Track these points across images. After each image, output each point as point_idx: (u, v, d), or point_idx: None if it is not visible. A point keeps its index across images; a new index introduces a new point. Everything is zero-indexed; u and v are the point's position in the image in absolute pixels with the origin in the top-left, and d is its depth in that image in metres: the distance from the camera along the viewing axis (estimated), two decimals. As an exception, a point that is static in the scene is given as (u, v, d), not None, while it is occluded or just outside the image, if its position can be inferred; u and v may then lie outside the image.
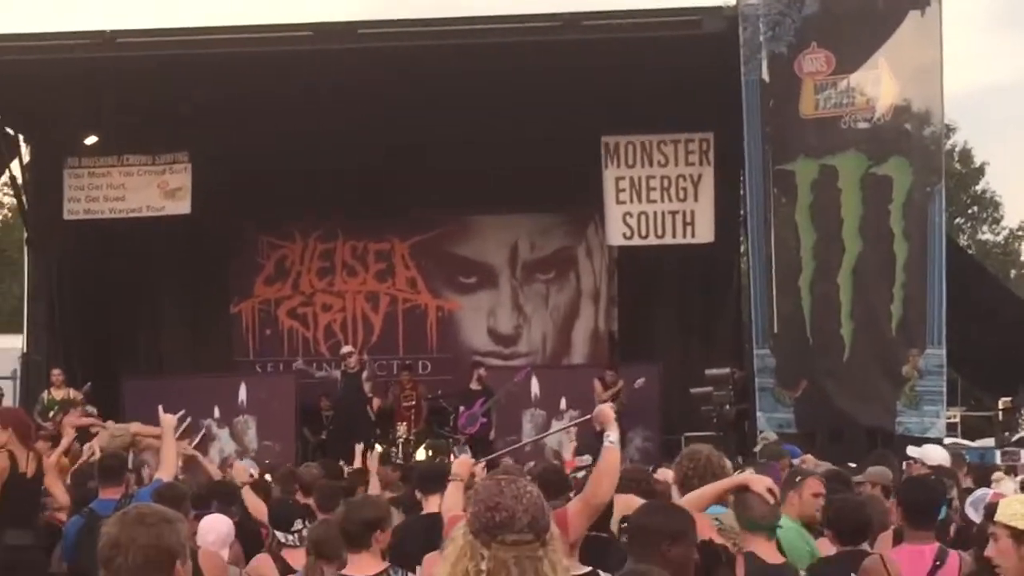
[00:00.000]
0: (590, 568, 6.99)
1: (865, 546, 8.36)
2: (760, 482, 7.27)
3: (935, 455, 13.20)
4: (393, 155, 25.52)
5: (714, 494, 7.33)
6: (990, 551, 6.35)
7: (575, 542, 7.22)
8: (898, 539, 8.59)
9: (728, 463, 8.22)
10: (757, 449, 18.82)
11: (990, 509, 8.30)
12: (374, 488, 11.40)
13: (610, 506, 7.85)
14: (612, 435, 7.76)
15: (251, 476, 14.59)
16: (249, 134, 24.91)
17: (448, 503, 7.95)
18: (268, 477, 15.37)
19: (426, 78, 22.41)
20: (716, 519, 7.44)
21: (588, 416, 9.02)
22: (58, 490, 12.51)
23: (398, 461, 20.85)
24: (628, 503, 9.11)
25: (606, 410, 8.06)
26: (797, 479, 9.31)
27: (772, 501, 7.25)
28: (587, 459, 10.77)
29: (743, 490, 7.27)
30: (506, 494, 4.51)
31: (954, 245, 26.42)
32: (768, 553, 7.27)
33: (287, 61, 21.98)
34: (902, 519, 8.13)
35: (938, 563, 7.34)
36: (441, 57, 21.91)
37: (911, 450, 14.16)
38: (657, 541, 6.23)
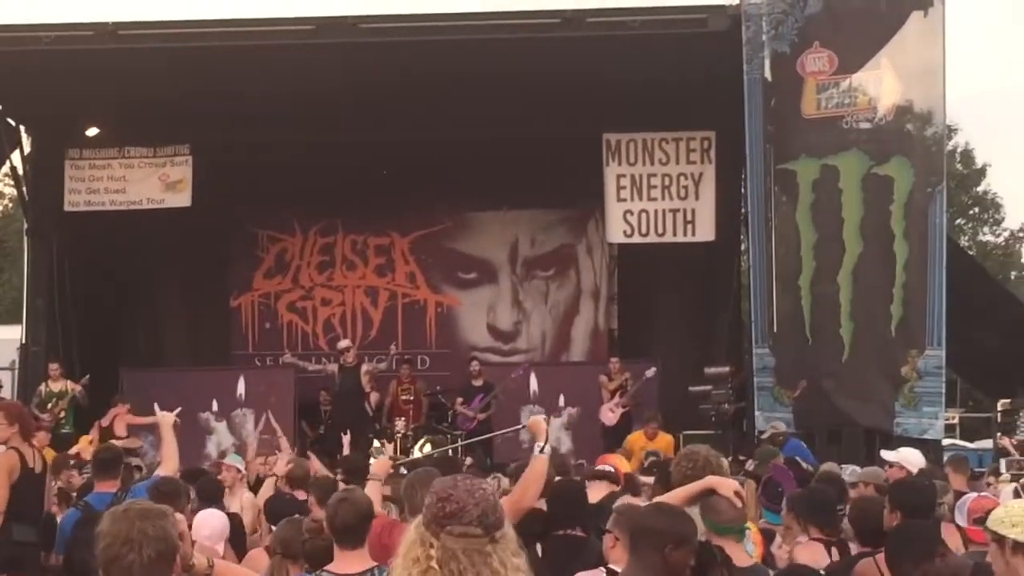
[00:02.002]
0: None
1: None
2: (727, 485, 7.27)
3: (913, 459, 13.13)
4: (394, 150, 25.51)
5: (685, 497, 7.32)
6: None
7: None
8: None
9: (726, 463, 8.20)
10: (765, 436, 18.87)
11: (971, 514, 8.34)
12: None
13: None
14: (542, 444, 8.25)
15: (238, 472, 14.57)
16: (250, 127, 24.91)
17: None
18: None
19: (427, 73, 22.38)
20: None
21: (522, 426, 9.26)
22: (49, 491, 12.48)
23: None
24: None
25: (538, 421, 8.48)
26: None
27: (740, 504, 7.25)
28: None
29: (710, 493, 7.26)
30: (459, 488, 4.55)
31: (955, 246, 26.41)
32: (738, 556, 7.26)
33: (288, 54, 21.97)
34: (898, 521, 8.11)
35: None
36: (443, 52, 21.87)
37: (885, 454, 14.10)
38: (661, 544, 6.23)
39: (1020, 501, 7.06)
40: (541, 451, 8.26)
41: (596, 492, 10.24)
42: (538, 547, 8.35)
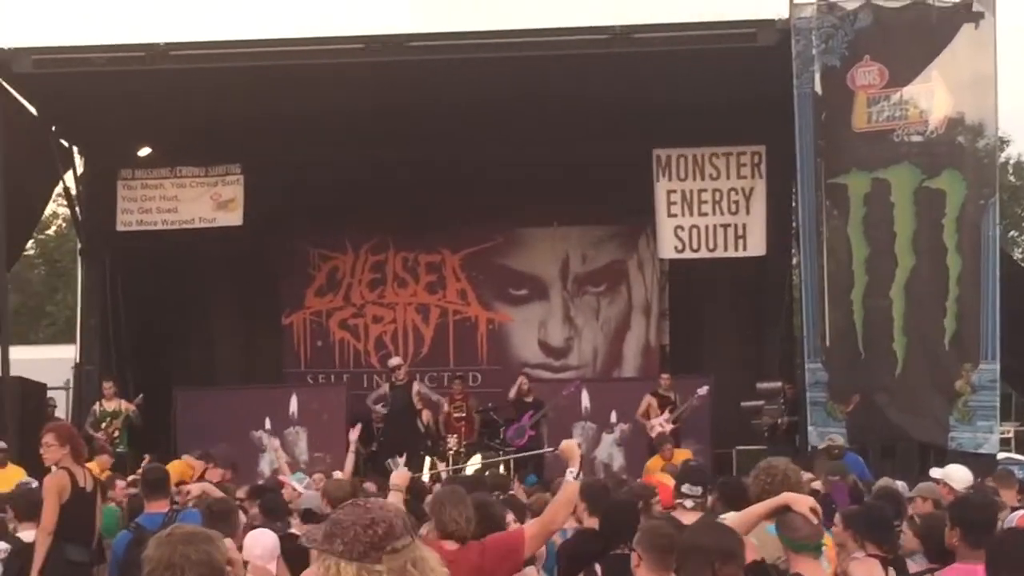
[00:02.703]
0: None
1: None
2: (803, 502, 7.24)
3: (957, 476, 13.04)
4: (444, 167, 25.57)
5: (759, 514, 7.30)
6: None
7: (526, 559, 8.07)
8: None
9: (804, 477, 8.20)
10: (821, 448, 18.77)
11: None
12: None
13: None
14: (574, 469, 8.43)
15: (295, 492, 14.57)
16: (301, 145, 25.01)
17: None
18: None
19: (477, 90, 22.43)
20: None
21: (553, 449, 9.32)
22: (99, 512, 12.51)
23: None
24: None
25: (571, 445, 8.59)
26: None
27: (816, 521, 7.22)
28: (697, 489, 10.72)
29: (786, 510, 7.23)
30: (372, 509, 4.49)
31: (1008, 259, 26.22)
32: (814, 572, 7.23)
33: (338, 73, 22.02)
34: (958, 539, 8.03)
35: None
36: (492, 69, 21.94)
37: (934, 472, 14.02)
38: (708, 560, 6.23)
39: None
40: (575, 477, 8.40)
41: (690, 519, 10.22)
42: (597, 567, 8.35)
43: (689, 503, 10.39)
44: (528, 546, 7.98)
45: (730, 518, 7.50)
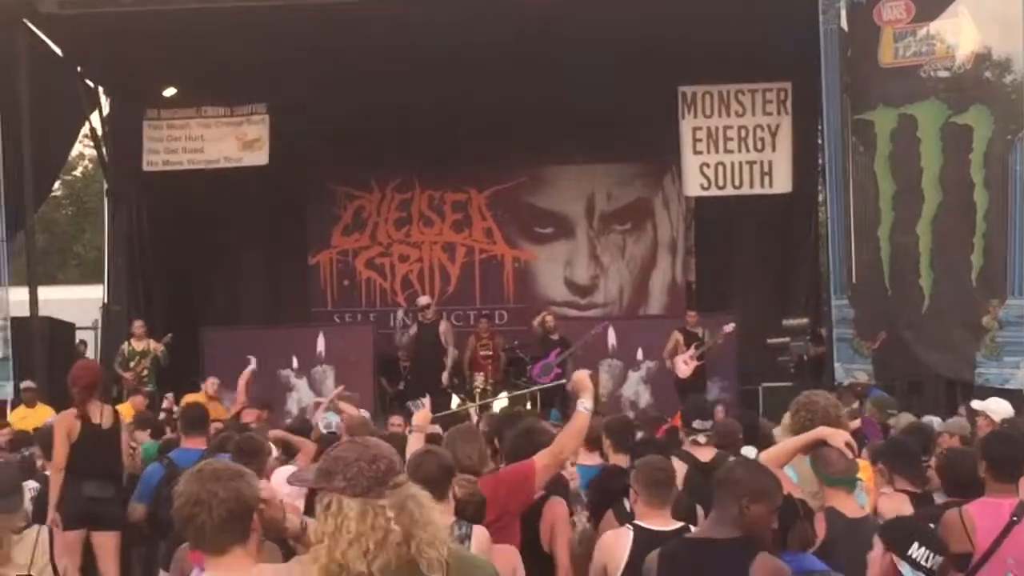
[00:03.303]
0: None
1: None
2: (838, 436, 7.25)
3: (999, 408, 13.03)
4: (470, 105, 25.53)
5: (794, 449, 7.32)
6: None
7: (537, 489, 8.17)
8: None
9: (844, 412, 8.21)
10: (844, 386, 18.77)
11: None
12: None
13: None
14: (587, 402, 8.48)
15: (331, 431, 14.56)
16: (327, 85, 25.00)
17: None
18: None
19: (504, 29, 22.36)
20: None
21: (563, 381, 9.41)
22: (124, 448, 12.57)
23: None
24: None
25: (583, 376, 8.66)
26: None
27: (851, 455, 7.23)
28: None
29: (821, 445, 7.25)
30: (373, 446, 4.57)
31: (1035, 194, 26.10)
32: (849, 507, 7.26)
33: (365, 12, 21.94)
34: (986, 472, 8.05)
35: (1015, 519, 7.27)
36: (520, 7, 21.85)
37: (975, 403, 14.03)
38: (738, 496, 6.26)
39: None
40: (586, 408, 8.45)
41: (704, 454, 10.24)
42: (625, 502, 8.40)
43: (702, 438, 10.45)
44: (540, 476, 8.10)
45: (766, 453, 7.53)
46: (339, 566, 4.43)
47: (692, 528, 7.46)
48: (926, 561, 6.06)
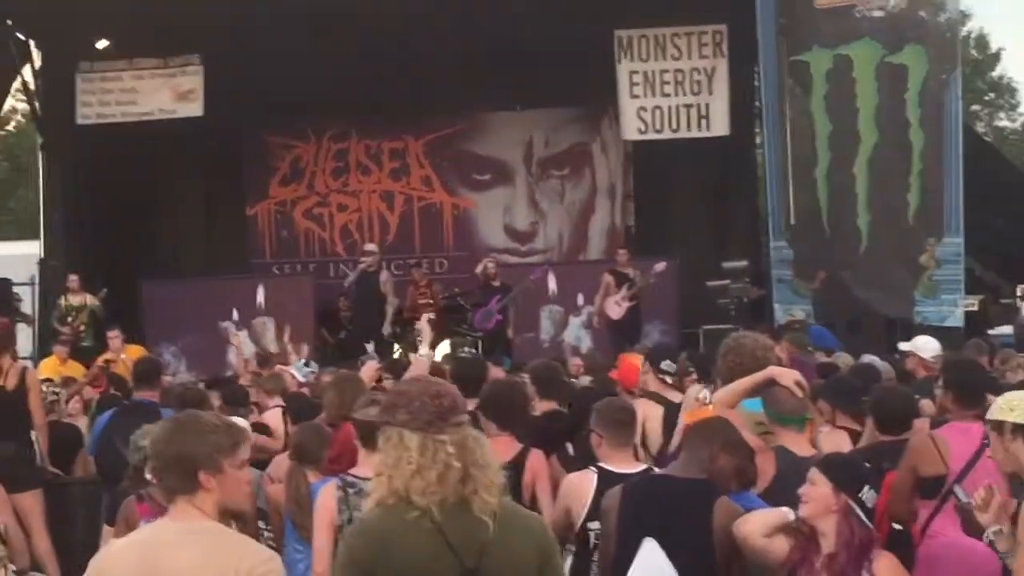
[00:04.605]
0: None
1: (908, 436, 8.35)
2: (788, 375, 7.28)
3: (927, 346, 13.10)
4: (405, 54, 25.37)
5: (745, 389, 7.34)
6: None
7: None
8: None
9: (774, 353, 8.22)
10: (782, 323, 18.86)
11: None
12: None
13: None
14: (423, 348, 9.25)
15: (293, 379, 14.56)
16: (259, 35, 24.76)
17: None
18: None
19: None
20: (760, 423, 7.46)
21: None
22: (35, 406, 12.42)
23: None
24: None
25: (421, 323, 9.83)
26: None
27: (800, 394, 7.27)
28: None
29: (771, 384, 7.27)
30: (438, 384, 4.72)
31: (971, 132, 26.27)
32: (799, 445, 7.30)
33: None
34: (952, 401, 8.11)
35: (986, 442, 7.32)
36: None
37: (902, 345, 14.11)
38: (711, 442, 6.41)
39: (1019, 392, 7.11)
40: (421, 355, 8.99)
41: (675, 394, 10.26)
42: (568, 446, 8.41)
43: (670, 380, 10.48)
44: None
45: (717, 395, 7.54)
46: (398, 498, 4.52)
47: (655, 471, 7.48)
48: (871, 503, 6.12)
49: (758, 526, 6.24)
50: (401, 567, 4.50)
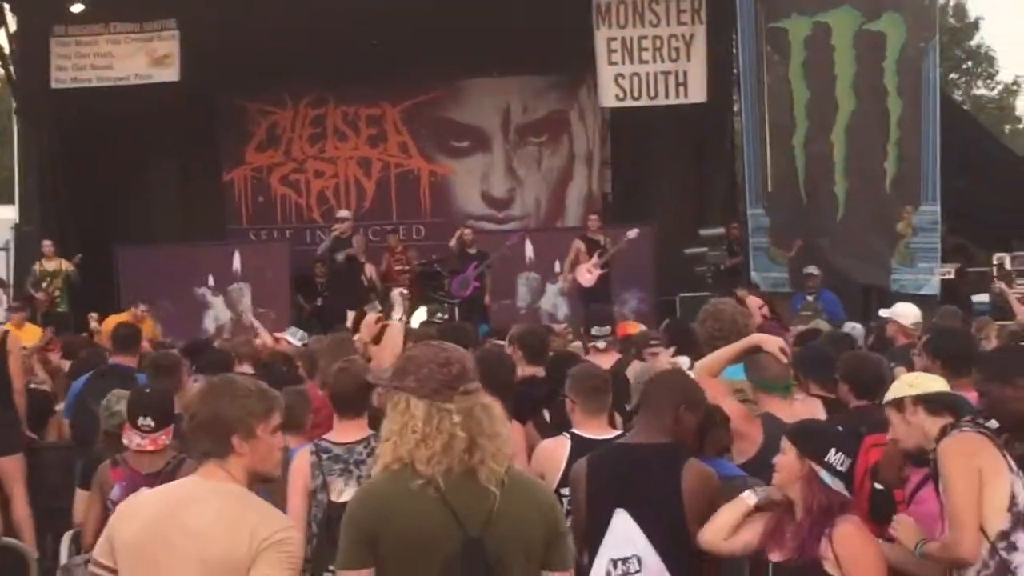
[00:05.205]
0: None
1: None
2: (772, 342, 7.28)
3: (907, 312, 13.10)
4: (382, 19, 25.24)
5: (728, 357, 7.33)
6: None
7: None
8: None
9: (752, 321, 8.21)
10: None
11: None
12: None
13: None
14: (396, 312, 9.44)
15: (289, 345, 14.54)
16: (237, 0, 24.66)
17: None
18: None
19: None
20: (739, 390, 7.46)
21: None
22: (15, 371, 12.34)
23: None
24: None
25: (394, 294, 10.01)
26: None
27: (784, 360, 7.26)
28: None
29: (755, 351, 7.27)
30: (448, 350, 4.62)
31: (948, 101, 26.26)
32: (784, 412, 7.29)
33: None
34: (939, 369, 8.08)
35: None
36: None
37: (882, 312, 14.12)
38: (675, 403, 6.34)
39: (915, 372, 7.15)
40: (399, 319, 9.21)
41: (605, 360, 10.23)
42: (545, 412, 8.41)
43: (601, 344, 10.50)
44: None
45: (701, 362, 7.54)
46: (403, 465, 4.51)
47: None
48: (841, 466, 6.09)
49: (717, 533, 6.21)
50: (404, 534, 4.50)
